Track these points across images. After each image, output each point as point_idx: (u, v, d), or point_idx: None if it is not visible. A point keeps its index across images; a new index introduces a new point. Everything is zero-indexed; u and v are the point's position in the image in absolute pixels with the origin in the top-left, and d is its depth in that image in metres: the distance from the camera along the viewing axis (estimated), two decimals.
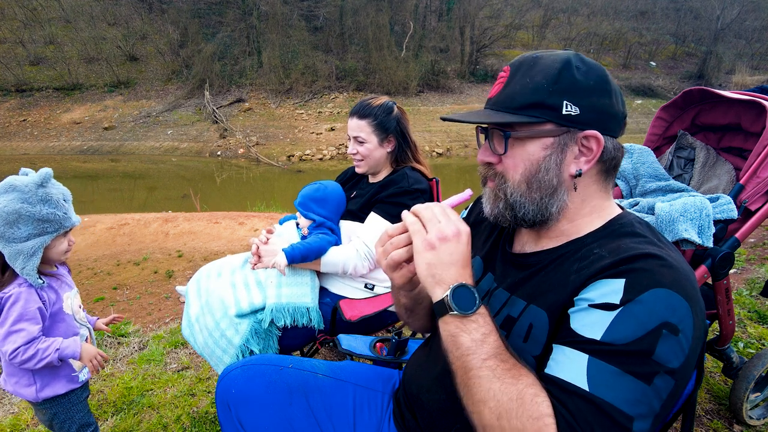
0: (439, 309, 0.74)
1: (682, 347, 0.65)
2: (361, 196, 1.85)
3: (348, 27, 25.67)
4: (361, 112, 1.80)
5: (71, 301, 1.42)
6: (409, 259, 0.81)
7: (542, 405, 0.65)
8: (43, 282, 1.31)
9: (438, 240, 0.75)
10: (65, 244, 1.36)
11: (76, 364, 1.41)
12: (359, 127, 1.79)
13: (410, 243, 0.79)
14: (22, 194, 1.24)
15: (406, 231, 0.81)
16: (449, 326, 0.73)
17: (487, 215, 0.89)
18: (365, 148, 1.80)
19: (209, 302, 1.65)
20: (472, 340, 0.71)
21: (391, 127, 1.81)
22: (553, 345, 0.72)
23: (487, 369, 0.69)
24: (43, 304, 1.31)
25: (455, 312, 0.72)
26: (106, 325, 1.59)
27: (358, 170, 1.89)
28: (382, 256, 0.83)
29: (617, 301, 0.67)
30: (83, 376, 1.44)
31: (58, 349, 1.27)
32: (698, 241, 1.38)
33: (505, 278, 0.91)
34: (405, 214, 0.81)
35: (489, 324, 0.73)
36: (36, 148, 20.34)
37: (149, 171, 17.82)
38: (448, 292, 0.73)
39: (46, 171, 1.28)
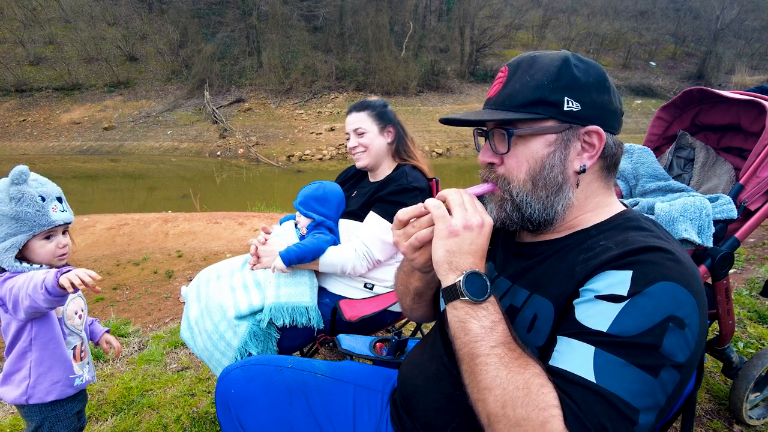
0: (449, 294, 0.74)
1: (688, 342, 0.65)
2: (362, 195, 1.85)
3: (348, 27, 25.67)
4: (358, 106, 1.87)
5: (68, 304, 1.37)
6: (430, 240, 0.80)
7: (549, 396, 0.64)
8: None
9: (462, 228, 0.75)
10: (51, 246, 1.28)
11: (76, 367, 1.37)
12: (358, 119, 1.83)
13: (432, 224, 0.79)
14: None
15: (421, 214, 0.81)
16: (458, 312, 0.73)
17: (494, 220, 0.87)
18: (367, 138, 1.82)
19: (208, 306, 1.65)
20: (482, 327, 0.71)
21: (389, 118, 1.86)
22: (558, 337, 0.72)
23: (494, 356, 0.68)
24: None
25: (466, 298, 0.72)
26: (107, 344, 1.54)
27: (359, 164, 1.88)
28: (402, 237, 0.83)
29: (624, 293, 0.67)
30: (80, 380, 1.38)
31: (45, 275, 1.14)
32: (698, 241, 1.38)
33: (506, 267, 0.91)
34: (428, 200, 0.81)
35: (498, 313, 0.73)
36: (36, 148, 20.33)
37: (149, 171, 17.80)
38: (460, 278, 0.73)
39: (19, 169, 1.21)
